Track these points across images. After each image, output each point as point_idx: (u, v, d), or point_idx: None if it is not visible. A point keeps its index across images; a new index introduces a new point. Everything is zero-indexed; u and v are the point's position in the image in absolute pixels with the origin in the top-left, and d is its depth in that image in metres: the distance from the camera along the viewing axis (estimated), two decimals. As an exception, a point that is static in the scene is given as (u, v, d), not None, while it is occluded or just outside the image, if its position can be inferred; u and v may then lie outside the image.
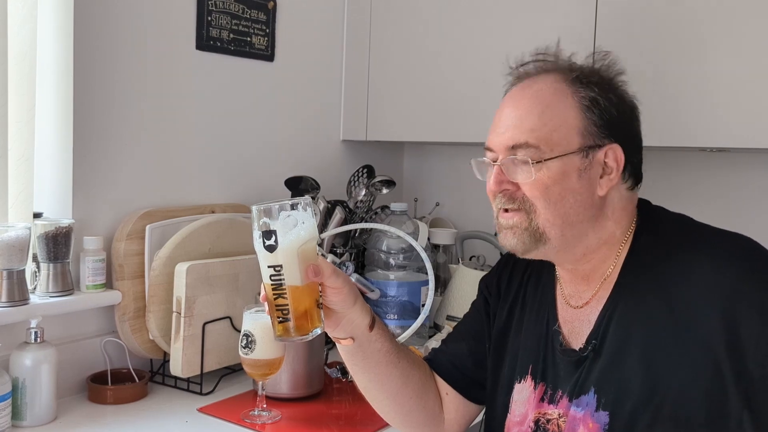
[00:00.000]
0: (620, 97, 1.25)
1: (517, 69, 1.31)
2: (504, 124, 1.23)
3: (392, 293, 2.15)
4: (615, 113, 1.22)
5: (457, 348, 1.47)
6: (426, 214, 2.69)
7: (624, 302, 1.21)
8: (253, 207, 1.15)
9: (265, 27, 2.24)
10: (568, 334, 1.29)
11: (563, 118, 1.20)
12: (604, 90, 1.22)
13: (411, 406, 1.40)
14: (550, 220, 1.20)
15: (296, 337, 1.15)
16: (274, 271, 1.13)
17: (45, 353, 1.62)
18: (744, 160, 2.13)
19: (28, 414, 1.59)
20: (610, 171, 1.21)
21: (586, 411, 1.20)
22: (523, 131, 1.20)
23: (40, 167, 1.80)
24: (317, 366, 1.84)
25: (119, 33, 1.87)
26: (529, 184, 1.19)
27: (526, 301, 1.39)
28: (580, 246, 1.24)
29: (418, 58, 2.33)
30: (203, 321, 1.81)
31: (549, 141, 1.19)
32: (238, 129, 2.20)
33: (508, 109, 1.25)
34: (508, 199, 1.22)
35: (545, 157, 1.18)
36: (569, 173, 1.19)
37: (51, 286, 1.72)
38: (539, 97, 1.22)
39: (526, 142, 1.19)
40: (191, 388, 1.83)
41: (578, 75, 1.23)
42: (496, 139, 1.24)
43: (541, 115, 1.20)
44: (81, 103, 1.79)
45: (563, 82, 1.23)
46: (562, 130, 1.19)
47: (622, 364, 1.18)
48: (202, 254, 1.88)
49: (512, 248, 1.25)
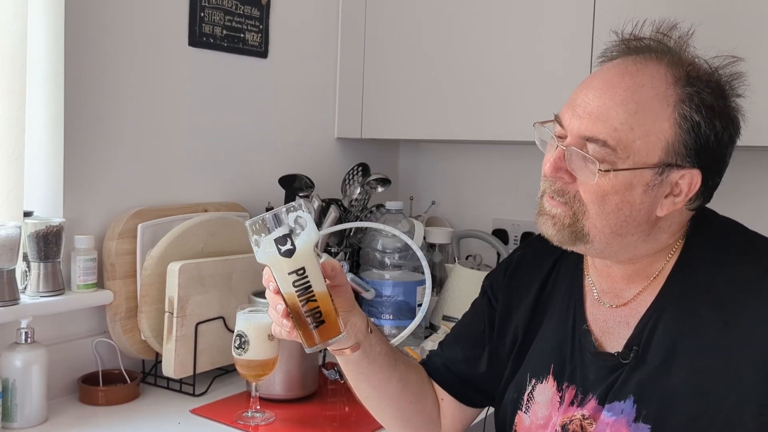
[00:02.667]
0: (726, 123, 1.10)
1: (627, 42, 1.15)
2: (587, 105, 1.09)
3: (387, 293, 2.13)
4: (713, 140, 1.09)
5: (452, 352, 1.42)
6: (422, 212, 2.68)
7: (672, 308, 1.14)
8: (249, 221, 1.10)
9: (259, 23, 2.22)
10: (600, 335, 1.22)
11: (654, 128, 1.06)
12: (712, 112, 1.08)
13: (410, 410, 1.37)
14: (598, 227, 1.11)
15: (332, 339, 1.12)
16: (297, 276, 1.09)
17: (35, 354, 1.61)
18: (743, 158, 2.11)
19: (18, 415, 1.58)
20: (678, 193, 1.10)
21: (620, 419, 1.13)
22: (606, 127, 1.07)
23: (31, 165, 1.78)
24: (311, 367, 1.83)
25: (111, 30, 1.86)
26: (587, 186, 1.09)
27: (549, 299, 1.31)
28: (625, 254, 1.16)
29: (413, 54, 2.32)
30: (196, 321, 1.80)
31: (628, 148, 1.06)
32: (231, 126, 2.19)
33: (597, 90, 1.10)
34: (558, 190, 1.12)
35: (617, 166, 1.07)
36: (635, 186, 1.08)
37: (41, 286, 1.71)
38: (639, 94, 1.07)
39: (604, 140, 1.07)
40: (184, 389, 1.82)
41: (691, 77, 1.09)
42: (572, 119, 1.11)
43: (632, 116, 1.06)
44: (72, 100, 1.78)
45: (671, 86, 1.08)
46: (648, 140, 1.07)
47: (669, 375, 1.11)
48: (194, 253, 1.87)
49: (547, 237, 1.16)
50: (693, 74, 1.10)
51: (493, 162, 2.63)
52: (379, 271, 2.17)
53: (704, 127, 1.07)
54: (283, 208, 1.10)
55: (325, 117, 2.51)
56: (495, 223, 2.59)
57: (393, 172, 2.80)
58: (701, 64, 1.13)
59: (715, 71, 1.13)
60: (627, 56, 1.13)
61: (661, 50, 1.12)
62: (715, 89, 1.10)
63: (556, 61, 2.00)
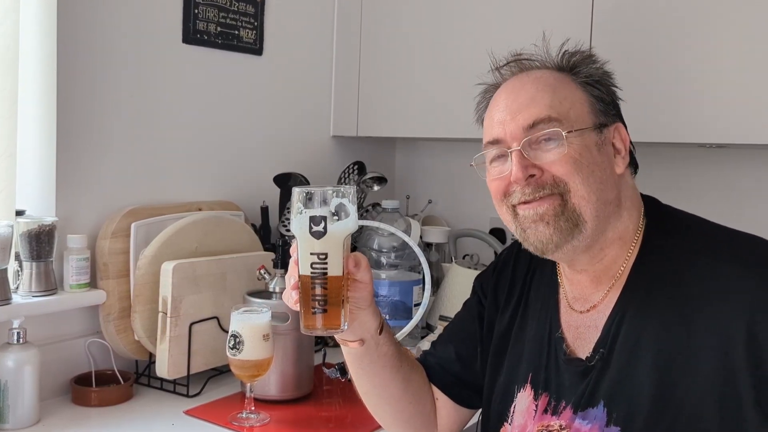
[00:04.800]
0: (608, 80, 1.23)
1: (499, 70, 1.27)
2: (512, 108, 1.18)
3: (384, 293, 2.12)
4: (611, 97, 1.22)
5: (445, 352, 1.43)
6: (418, 211, 2.67)
7: (634, 307, 1.16)
8: (298, 188, 1.11)
9: (254, 20, 2.21)
10: (572, 341, 1.23)
11: (573, 97, 1.18)
12: (598, 79, 1.21)
13: (410, 411, 1.37)
14: (585, 196, 1.13)
15: (329, 330, 1.13)
16: (318, 259, 1.10)
17: (28, 354, 1.60)
18: (743, 155, 2.12)
19: (10, 416, 1.57)
20: (620, 149, 1.19)
21: (594, 424, 1.14)
22: (542, 107, 1.15)
23: (23, 163, 1.78)
24: (306, 367, 1.82)
25: (104, 27, 1.84)
26: (558, 161, 1.13)
27: (528, 305, 1.33)
28: (605, 234, 1.17)
29: (410, 51, 2.31)
30: (190, 321, 1.79)
31: (567, 116, 1.15)
32: (225, 124, 2.18)
33: (510, 96, 1.20)
34: (535, 187, 1.15)
35: (571, 129, 1.14)
36: (590, 148, 1.15)
37: (34, 286, 1.71)
38: (542, 81, 1.19)
39: (548, 116, 1.14)
40: (178, 390, 1.81)
41: (568, 60, 1.22)
42: (507, 126, 1.17)
43: (553, 93, 1.17)
44: (65, 98, 1.77)
45: (558, 71, 1.22)
46: (576, 107, 1.17)
47: (633, 374, 1.12)
48: (188, 253, 1.86)
49: (544, 242, 1.16)
50: (568, 58, 1.23)
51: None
52: (375, 270, 2.16)
53: (600, 88, 1.20)
54: (331, 190, 1.11)
55: (321, 114, 2.50)
56: (492, 222, 2.57)
57: (389, 170, 2.78)
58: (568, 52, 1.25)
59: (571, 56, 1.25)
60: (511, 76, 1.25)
61: (533, 65, 1.25)
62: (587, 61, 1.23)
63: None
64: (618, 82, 1.25)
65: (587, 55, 1.24)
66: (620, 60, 1.75)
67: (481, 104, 1.29)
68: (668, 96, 1.80)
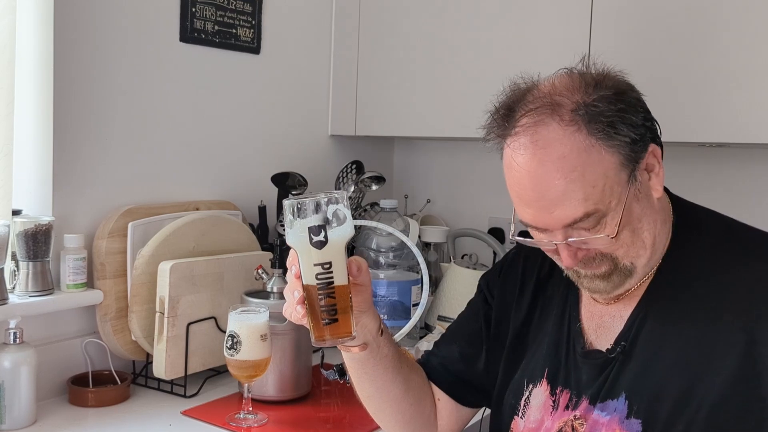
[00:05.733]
0: (631, 100, 1.10)
1: (506, 128, 1.12)
2: (543, 205, 1.08)
3: (382, 293, 2.12)
4: (634, 118, 1.08)
5: (448, 351, 1.42)
6: (417, 211, 2.67)
7: (661, 302, 1.16)
8: (289, 201, 1.09)
9: (251, 18, 2.20)
10: (593, 332, 1.23)
11: (605, 169, 1.06)
12: (619, 115, 1.06)
13: (411, 413, 1.36)
14: (634, 254, 1.13)
15: (341, 338, 1.11)
16: (323, 269, 1.08)
17: (24, 354, 1.59)
18: (743, 155, 2.12)
19: (6, 417, 1.56)
20: (653, 167, 1.12)
21: (613, 417, 1.14)
22: (577, 204, 1.06)
23: (20, 163, 1.77)
24: (305, 367, 1.82)
25: (101, 25, 1.84)
26: (608, 244, 1.10)
27: (546, 302, 1.32)
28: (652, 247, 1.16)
29: (408, 50, 2.30)
30: (187, 321, 1.79)
31: (603, 198, 1.06)
32: (223, 124, 2.17)
33: (536, 187, 1.07)
34: (586, 262, 1.13)
35: (609, 213, 1.07)
36: (631, 207, 1.09)
37: (30, 286, 1.70)
38: (567, 164, 1.05)
39: (585, 213, 1.06)
40: (175, 391, 1.81)
41: (584, 106, 1.06)
42: (543, 219, 1.09)
43: (583, 181, 1.05)
44: (61, 97, 1.76)
45: (577, 132, 1.05)
46: (610, 178, 1.06)
47: (657, 369, 1.13)
48: (186, 253, 1.85)
49: (600, 290, 1.16)
50: (584, 102, 1.07)
51: (490, 160, 2.58)
52: (373, 270, 2.15)
53: (618, 119, 1.06)
54: (324, 197, 1.09)
55: (319, 113, 2.49)
56: (491, 221, 2.57)
57: (387, 169, 2.78)
58: (582, 86, 1.09)
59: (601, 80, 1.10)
60: (518, 136, 1.10)
61: (544, 113, 1.07)
62: (606, 95, 1.07)
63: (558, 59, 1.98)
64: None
65: (603, 95, 1.07)
66: (620, 59, 1.75)
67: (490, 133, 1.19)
68: (668, 95, 1.79)
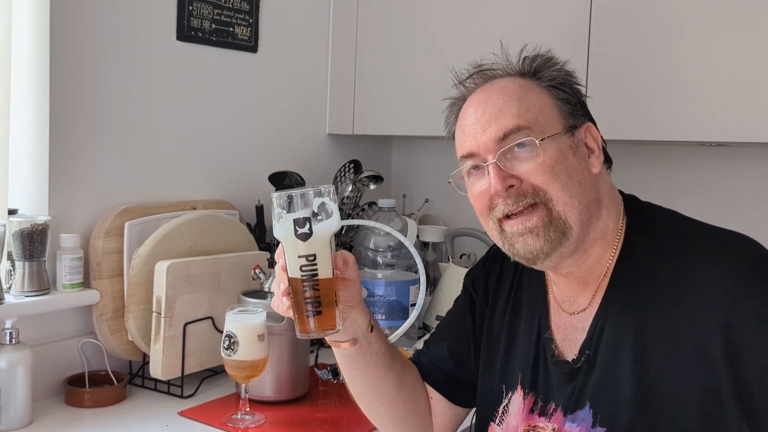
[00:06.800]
0: (570, 81, 1.23)
1: (463, 83, 1.27)
2: (482, 121, 1.18)
3: (380, 293, 2.11)
4: (577, 95, 1.22)
5: (438, 350, 1.43)
6: (415, 210, 2.66)
7: (616, 307, 1.17)
8: (277, 193, 1.11)
9: (249, 17, 2.20)
10: (561, 342, 1.24)
11: (540, 103, 1.17)
12: (561, 81, 1.21)
13: (405, 410, 1.36)
14: (567, 201, 1.13)
15: (325, 331, 1.12)
16: (307, 261, 1.09)
17: (20, 355, 1.59)
18: (741, 154, 2.12)
19: (2, 418, 1.56)
20: (593, 149, 1.20)
21: (581, 426, 1.16)
22: (510, 117, 1.15)
23: (16, 162, 1.77)
24: (302, 368, 1.81)
25: (97, 24, 1.83)
26: (535, 169, 1.13)
27: (518, 303, 1.33)
28: (587, 235, 1.17)
29: (406, 48, 2.30)
30: (184, 321, 1.78)
31: (537, 123, 1.15)
32: (220, 123, 2.17)
33: (478, 109, 1.20)
34: (517, 197, 1.14)
35: (543, 136, 1.14)
36: (565, 152, 1.15)
37: (26, 285, 1.70)
38: (508, 90, 1.19)
39: (517, 125, 1.14)
40: (172, 391, 1.80)
41: (530, 69, 1.21)
42: (478, 138, 1.18)
43: (520, 102, 1.16)
44: (58, 96, 1.76)
45: (521, 78, 1.21)
46: (545, 113, 1.17)
47: (616, 374, 1.14)
48: (183, 252, 1.85)
49: (535, 252, 1.16)
50: (531, 69, 1.22)
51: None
52: (371, 270, 2.15)
53: (565, 90, 1.20)
54: (311, 190, 1.11)
55: (316, 113, 2.49)
56: (489, 220, 2.56)
57: (386, 169, 2.78)
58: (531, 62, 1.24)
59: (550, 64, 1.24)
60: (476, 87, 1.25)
61: (496, 74, 1.24)
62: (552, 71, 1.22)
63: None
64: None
65: (547, 58, 1.23)
66: (619, 59, 1.75)
67: (449, 118, 1.30)
68: (667, 95, 1.79)
